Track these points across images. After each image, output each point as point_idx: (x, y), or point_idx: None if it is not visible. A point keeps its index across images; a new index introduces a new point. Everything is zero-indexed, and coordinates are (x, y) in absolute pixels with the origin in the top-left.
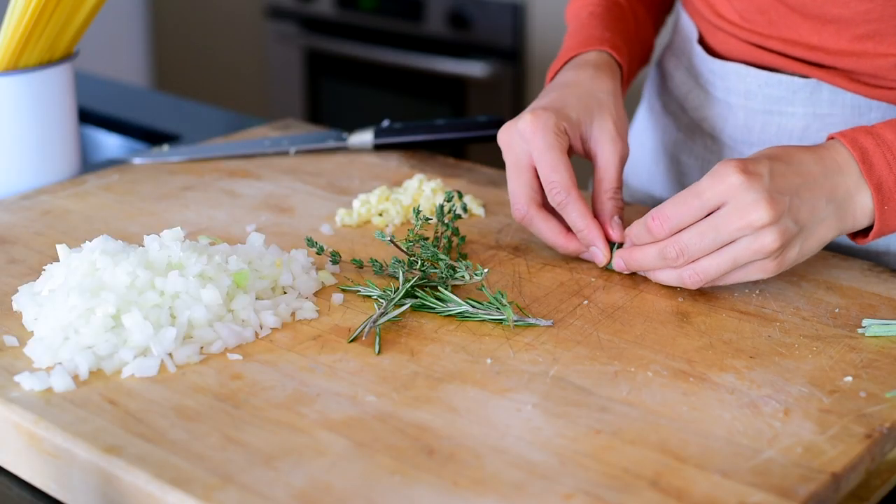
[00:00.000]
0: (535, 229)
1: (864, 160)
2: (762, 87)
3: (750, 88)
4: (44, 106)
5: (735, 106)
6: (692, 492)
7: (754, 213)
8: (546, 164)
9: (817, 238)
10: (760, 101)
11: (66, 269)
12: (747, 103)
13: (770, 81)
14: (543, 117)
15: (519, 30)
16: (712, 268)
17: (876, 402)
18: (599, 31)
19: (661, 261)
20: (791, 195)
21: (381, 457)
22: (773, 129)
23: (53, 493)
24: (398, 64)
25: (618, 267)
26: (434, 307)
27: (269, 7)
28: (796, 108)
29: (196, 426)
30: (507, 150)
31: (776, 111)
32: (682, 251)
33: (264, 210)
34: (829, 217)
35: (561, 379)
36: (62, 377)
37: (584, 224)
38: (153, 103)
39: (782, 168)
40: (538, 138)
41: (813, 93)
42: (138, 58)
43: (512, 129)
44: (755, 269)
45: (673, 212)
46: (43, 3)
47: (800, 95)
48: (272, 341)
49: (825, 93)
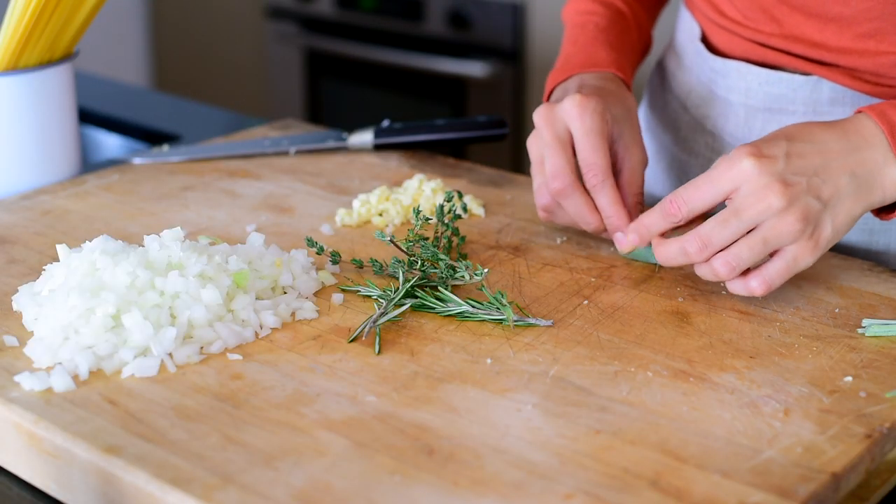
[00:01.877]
0: (570, 202)
1: (893, 133)
2: (763, 85)
3: (751, 86)
4: (44, 106)
5: (736, 104)
6: (692, 492)
7: (769, 196)
8: (588, 145)
9: (846, 213)
10: (761, 99)
11: (66, 269)
12: (748, 101)
13: (771, 79)
14: (593, 102)
15: (519, 30)
16: (744, 252)
17: (876, 402)
18: (606, 50)
19: (683, 256)
20: (809, 175)
21: (381, 457)
22: (773, 126)
23: (53, 494)
24: (398, 64)
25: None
26: (434, 307)
27: (269, 7)
28: (797, 105)
29: (196, 426)
30: (547, 127)
31: (777, 109)
32: (704, 244)
33: (264, 210)
34: (855, 192)
35: (561, 379)
36: (62, 377)
37: (614, 211)
38: (153, 103)
39: (801, 147)
40: (585, 120)
41: (814, 90)
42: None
43: (555, 107)
44: (794, 254)
45: (688, 195)
46: (43, 3)
47: (801, 93)
48: (272, 341)
49: (826, 91)
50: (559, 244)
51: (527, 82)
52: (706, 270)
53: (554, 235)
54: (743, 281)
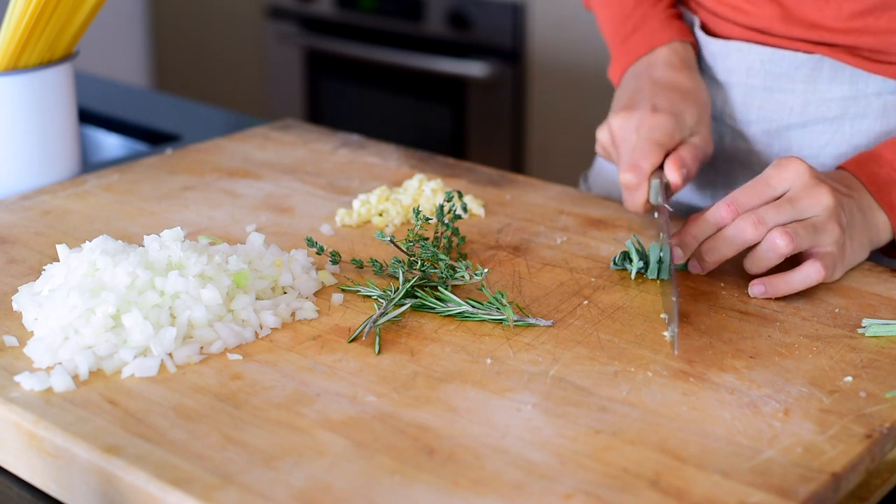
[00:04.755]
0: (636, 186)
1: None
2: (764, 64)
3: (752, 65)
4: (44, 106)
5: (735, 84)
6: (692, 492)
7: (821, 193)
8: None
9: (857, 241)
10: (762, 78)
11: (66, 269)
12: (748, 80)
13: (773, 57)
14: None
15: (519, 30)
16: (799, 231)
17: (876, 402)
18: (659, 21)
19: (738, 234)
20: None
21: (381, 457)
22: (771, 104)
23: (53, 494)
24: (398, 64)
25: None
26: (434, 307)
27: (269, 7)
28: (796, 84)
29: (196, 426)
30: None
31: (776, 88)
32: (759, 220)
33: (264, 210)
34: (862, 223)
35: (561, 379)
36: (62, 377)
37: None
38: (153, 103)
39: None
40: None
41: (815, 69)
42: (138, 58)
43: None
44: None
45: (743, 198)
46: (43, 3)
47: (802, 71)
48: (272, 341)
49: (826, 69)
50: (559, 244)
51: (527, 82)
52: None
53: (554, 235)
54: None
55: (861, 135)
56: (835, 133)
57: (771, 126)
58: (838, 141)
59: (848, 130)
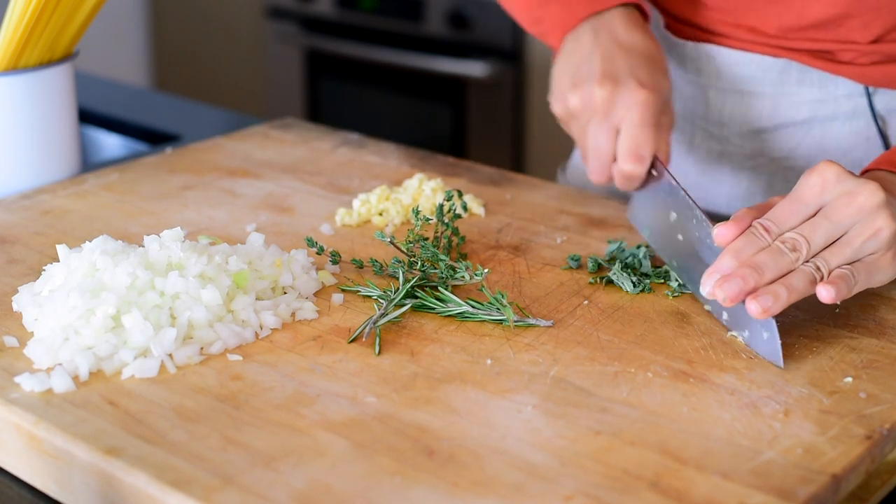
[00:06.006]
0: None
1: None
2: (732, 67)
3: (721, 69)
4: (44, 106)
5: (705, 86)
6: (692, 493)
7: (861, 194)
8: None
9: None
10: (730, 81)
11: (66, 270)
12: (718, 84)
13: (742, 60)
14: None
15: (519, 30)
16: (834, 258)
17: (876, 403)
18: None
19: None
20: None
21: (381, 458)
22: (742, 107)
23: (53, 495)
24: (398, 64)
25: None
26: (434, 307)
27: (269, 7)
28: (765, 87)
29: (196, 427)
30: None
31: (746, 91)
32: (795, 244)
33: (264, 210)
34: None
35: (561, 380)
36: (62, 378)
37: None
38: (153, 103)
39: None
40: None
41: (782, 72)
42: (138, 58)
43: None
44: (874, 266)
45: (778, 216)
46: (43, 3)
47: (770, 74)
48: (272, 342)
49: (794, 71)
50: (559, 244)
51: (527, 82)
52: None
53: (554, 235)
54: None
55: (831, 137)
56: (805, 136)
57: (742, 128)
58: (809, 143)
59: (818, 133)
